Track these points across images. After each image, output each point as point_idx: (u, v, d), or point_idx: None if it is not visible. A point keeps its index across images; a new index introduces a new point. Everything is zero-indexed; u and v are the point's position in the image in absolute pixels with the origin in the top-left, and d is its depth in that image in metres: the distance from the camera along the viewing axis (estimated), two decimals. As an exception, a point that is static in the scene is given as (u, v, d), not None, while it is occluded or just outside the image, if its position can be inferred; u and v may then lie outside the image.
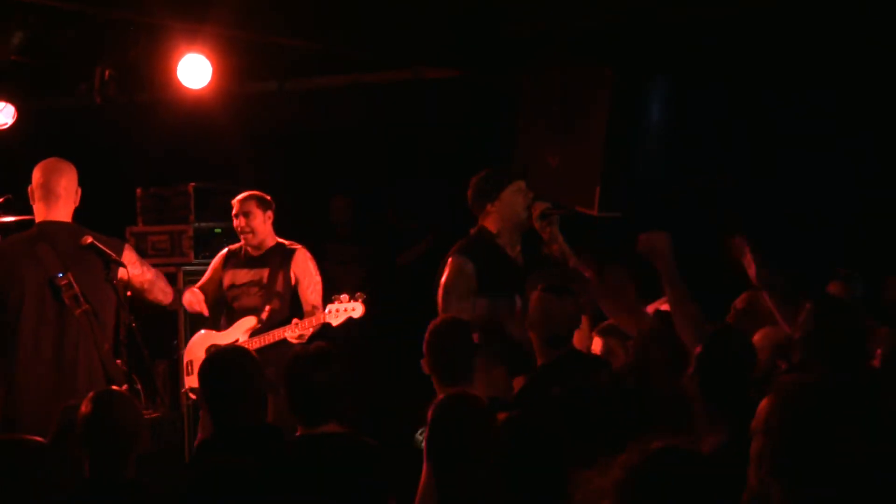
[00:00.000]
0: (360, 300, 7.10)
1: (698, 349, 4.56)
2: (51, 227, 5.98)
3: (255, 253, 7.34)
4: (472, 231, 6.54)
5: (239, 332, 7.14)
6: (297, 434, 4.45)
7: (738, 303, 6.28)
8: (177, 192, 8.85)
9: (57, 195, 6.05)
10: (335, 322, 7.04)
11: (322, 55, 8.71)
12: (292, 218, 8.08)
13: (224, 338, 7.09)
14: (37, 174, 6.08)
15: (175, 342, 8.48)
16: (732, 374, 4.36)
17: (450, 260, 6.35)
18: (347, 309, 7.04)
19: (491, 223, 6.46)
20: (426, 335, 5.26)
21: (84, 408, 4.44)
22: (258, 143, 9.55)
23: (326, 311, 7.04)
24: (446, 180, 8.13)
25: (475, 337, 5.47)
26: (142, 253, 7.97)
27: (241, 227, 7.32)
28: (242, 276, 7.39)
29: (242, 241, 7.34)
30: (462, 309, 6.08)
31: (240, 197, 7.40)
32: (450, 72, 8.85)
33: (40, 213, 6.05)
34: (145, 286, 6.27)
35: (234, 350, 5.32)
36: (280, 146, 9.71)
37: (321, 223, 9.95)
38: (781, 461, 3.13)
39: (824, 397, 3.27)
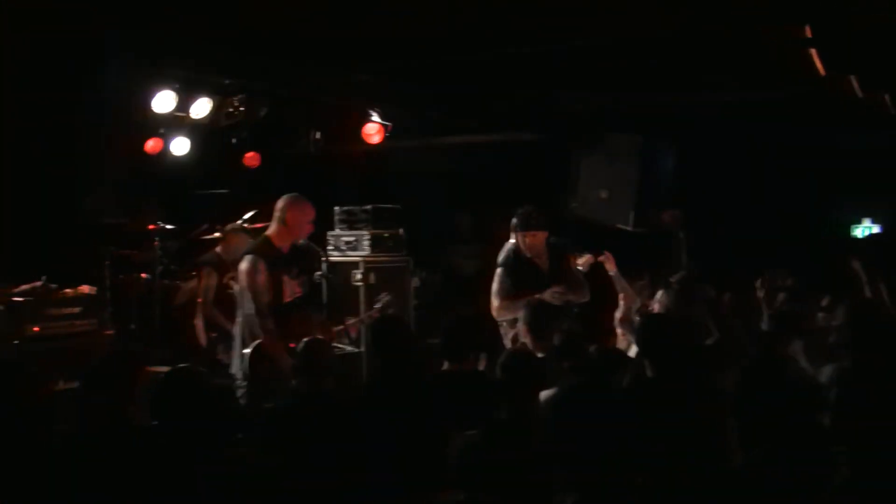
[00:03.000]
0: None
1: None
2: None
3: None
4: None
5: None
6: None
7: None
8: (360, 210, 10.61)
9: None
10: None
11: (455, 122, 11.23)
12: (432, 228, 10.48)
13: None
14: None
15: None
16: None
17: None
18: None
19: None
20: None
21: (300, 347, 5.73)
22: (414, 178, 11.68)
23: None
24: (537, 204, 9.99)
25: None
26: (336, 248, 10.49)
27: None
28: None
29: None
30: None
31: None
32: (532, 136, 11.28)
33: None
34: None
35: (394, 318, 6.69)
36: (429, 180, 11.77)
37: (448, 231, 12.26)
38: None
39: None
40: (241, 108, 10.32)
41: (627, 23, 8.13)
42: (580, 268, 8.34)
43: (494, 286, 8.02)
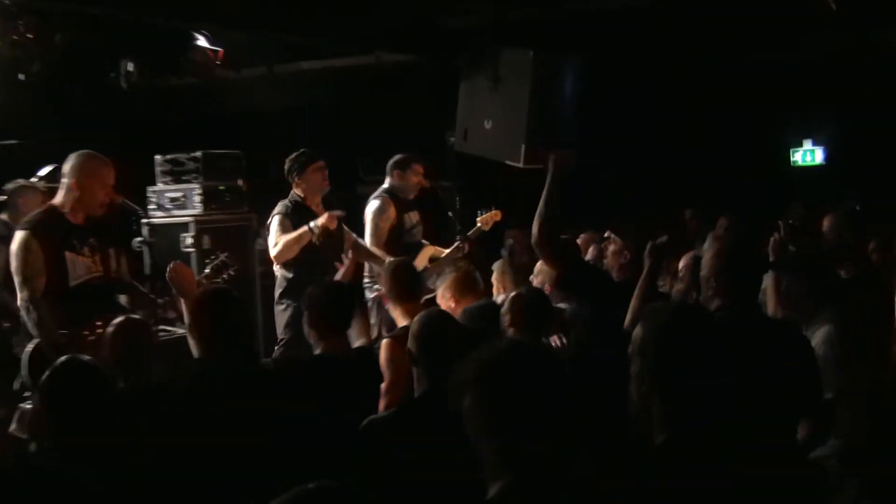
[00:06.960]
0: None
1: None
2: None
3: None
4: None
5: (425, 259, 8.69)
6: None
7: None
8: (188, 158, 9.68)
9: None
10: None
11: (302, 46, 10.20)
12: (274, 174, 9.19)
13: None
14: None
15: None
16: None
17: None
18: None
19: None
20: None
21: None
22: (256, 117, 10.93)
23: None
24: (402, 144, 9.66)
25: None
26: (160, 207, 9.60)
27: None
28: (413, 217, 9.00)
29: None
30: None
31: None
32: (403, 58, 10.34)
33: None
34: None
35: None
36: (271, 120, 11.08)
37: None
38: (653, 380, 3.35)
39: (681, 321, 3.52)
40: (30, 35, 9.00)
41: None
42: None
43: None
